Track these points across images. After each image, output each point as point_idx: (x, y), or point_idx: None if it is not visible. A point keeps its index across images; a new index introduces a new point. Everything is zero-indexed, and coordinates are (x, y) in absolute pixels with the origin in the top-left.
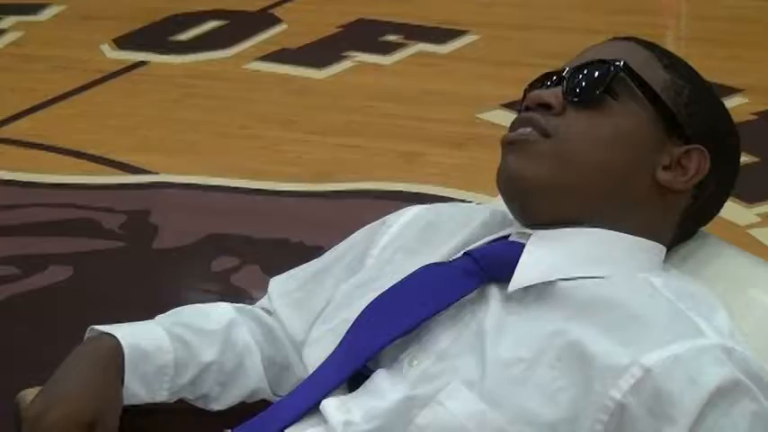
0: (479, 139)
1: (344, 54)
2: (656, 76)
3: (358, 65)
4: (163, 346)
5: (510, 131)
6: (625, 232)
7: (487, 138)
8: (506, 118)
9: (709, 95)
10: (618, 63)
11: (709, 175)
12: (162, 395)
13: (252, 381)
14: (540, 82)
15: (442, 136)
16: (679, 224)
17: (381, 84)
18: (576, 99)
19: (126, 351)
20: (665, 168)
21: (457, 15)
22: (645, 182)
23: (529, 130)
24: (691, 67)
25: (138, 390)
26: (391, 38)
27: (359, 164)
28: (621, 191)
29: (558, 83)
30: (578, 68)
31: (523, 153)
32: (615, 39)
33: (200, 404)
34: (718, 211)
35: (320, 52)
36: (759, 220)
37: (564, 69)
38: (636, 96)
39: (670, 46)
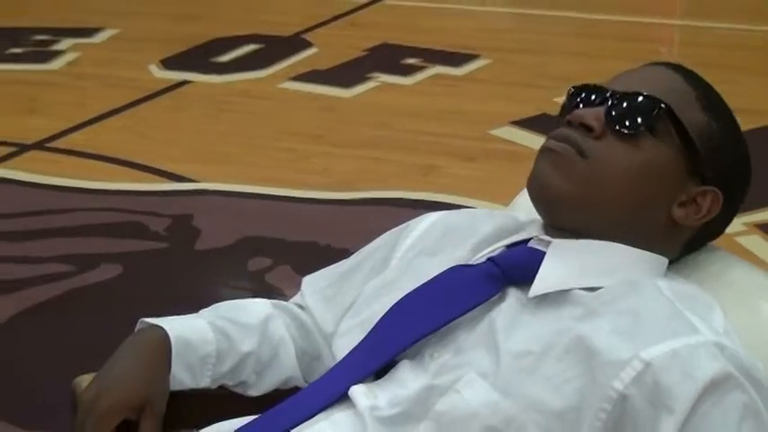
0: (490, 153)
1: (369, 75)
2: (694, 117)
3: (381, 85)
4: (206, 337)
5: (549, 138)
6: (634, 247)
7: (498, 152)
8: (515, 134)
9: (736, 141)
10: (663, 105)
11: (719, 213)
12: (205, 381)
13: (286, 370)
14: (583, 95)
15: (457, 150)
16: (685, 244)
17: (402, 102)
18: (617, 128)
19: (173, 342)
20: (681, 204)
21: (470, 41)
22: (661, 213)
23: (569, 146)
24: (726, 109)
25: (183, 377)
26: (411, 61)
27: (380, 174)
28: (639, 216)
29: (601, 103)
30: (624, 96)
31: (558, 166)
32: (658, 64)
33: (238, 390)
34: (721, 233)
35: (347, 73)
36: (745, 228)
37: (608, 91)
38: (671, 135)
39: None
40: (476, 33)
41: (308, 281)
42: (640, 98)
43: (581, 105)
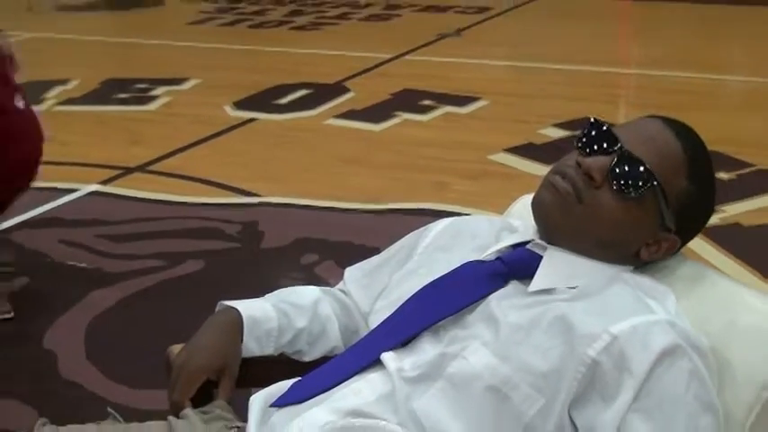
0: (489, 173)
1: (394, 113)
2: (678, 184)
3: (403, 121)
4: (270, 316)
5: (558, 171)
6: (608, 263)
7: (494, 173)
8: (508, 159)
9: (708, 201)
10: (656, 182)
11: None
12: (269, 350)
13: (332, 341)
14: (596, 136)
15: (462, 171)
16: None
17: (419, 134)
18: (614, 185)
19: (244, 320)
20: (647, 245)
21: (473, 87)
22: (631, 249)
23: (571, 189)
24: (707, 171)
25: (252, 346)
26: (427, 102)
27: (402, 190)
28: (614, 250)
29: (609, 154)
30: (628, 159)
31: (559, 205)
32: (668, 125)
33: (296, 357)
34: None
35: (377, 112)
36: None
37: (618, 144)
38: (656, 200)
39: (622, 107)
40: (478, 81)
41: (349, 272)
42: (641, 168)
43: (594, 145)
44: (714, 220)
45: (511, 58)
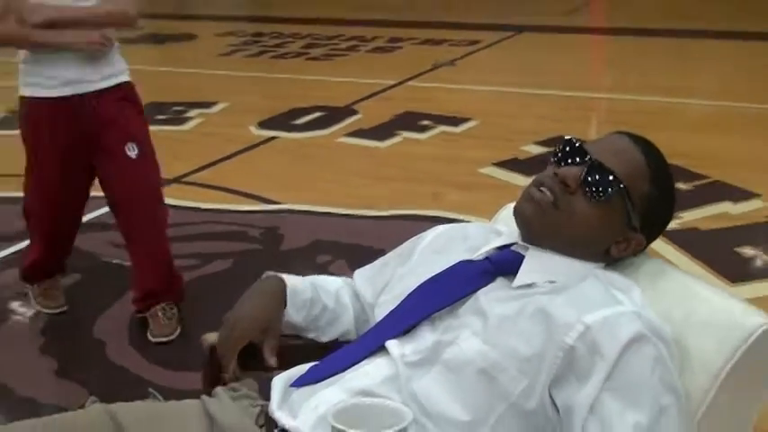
0: (479, 184)
1: (396, 132)
2: (642, 189)
3: (404, 139)
4: (306, 289)
5: (537, 184)
6: (582, 261)
7: (484, 184)
8: (495, 172)
9: (668, 204)
10: (623, 186)
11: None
12: (300, 318)
13: (345, 325)
14: (569, 148)
15: (455, 182)
16: (613, 261)
17: (418, 151)
18: (587, 192)
19: (288, 287)
20: (617, 243)
21: (465, 109)
22: (603, 247)
23: (548, 196)
24: (668, 180)
25: (291, 312)
26: (425, 123)
27: (404, 199)
28: (587, 248)
29: (581, 163)
30: (599, 168)
31: (537, 210)
32: (630, 137)
33: (312, 335)
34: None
35: (381, 131)
36: None
37: (588, 155)
38: (623, 203)
39: (594, 126)
40: (469, 104)
41: (358, 272)
42: (610, 177)
43: (568, 159)
44: (674, 225)
45: (497, 84)
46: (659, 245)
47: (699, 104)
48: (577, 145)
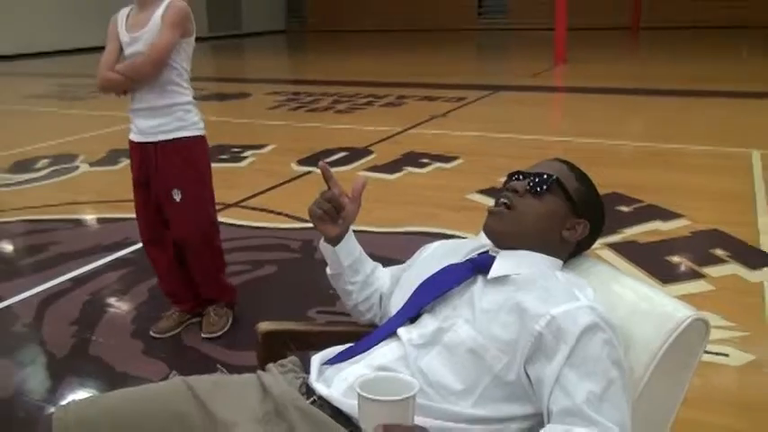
0: (467, 207)
1: (403, 168)
2: (571, 184)
3: (409, 173)
4: (357, 248)
5: (495, 204)
6: (543, 254)
7: (471, 207)
8: (478, 197)
9: (595, 196)
10: (554, 177)
11: (587, 235)
12: (351, 259)
13: (373, 291)
14: (516, 175)
15: (448, 205)
16: (570, 253)
17: (419, 182)
18: (530, 190)
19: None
20: (567, 229)
21: (455, 150)
22: (556, 234)
23: (502, 207)
24: (590, 181)
25: (344, 245)
26: (424, 160)
27: (408, 219)
28: (544, 238)
29: (524, 179)
30: (535, 174)
31: (497, 219)
32: (556, 159)
33: (347, 289)
34: (590, 247)
35: (391, 167)
36: (600, 246)
37: (528, 173)
38: (559, 194)
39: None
40: (457, 146)
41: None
42: (544, 176)
43: (514, 180)
44: (618, 238)
45: (479, 130)
46: (607, 254)
47: (631, 146)
48: (521, 170)
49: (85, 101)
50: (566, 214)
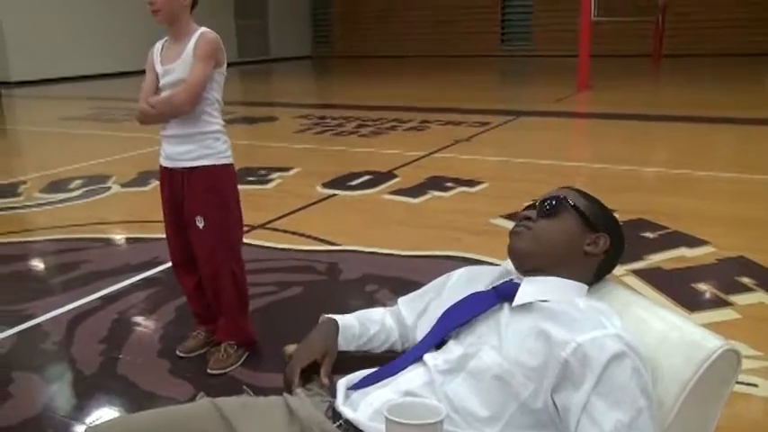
0: (490, 231)
1: (427, 191)
2: (582, 203)
3: (432, 197)
4: (354, 324)
5: (514, 227)
6: (567, 278)
7: (494, 232)
8: (502, 222)
9: (607, 212)
10: (564, 197)
11: (609, 248)
12: (352, 347)
13: (391, 342)
14: (532, 204)
15: (472, 230)
16: (595, 274)
17: (443, 206)
18: (542, 214)
19: (339, 325)
20: (588, 244)
21: (478, 174)
22: (579, 250)
23: (521, 228)
24: (599, 201)
25: (342, 343)
26: (448, 184)
27: (432, 242)
28: (568, 256)
29: (535, 207)
30: (544, 200)
31: (519, 238)
32: (566, 187)
33: (366, 351)
34: (613, 269)
35: (415, 191)
36: (625, 272)
37: (540, 200)
38: (570, 211)
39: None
40: (482, 171)
41: (401, 299)
42: (552, 198)
43: (531, 208)
44: (643, 264)
45: (503, 155)
46: (632, 280)
47: (655, 172)
48: (532, 201)
49: (119, 123)
50: (582, 230)
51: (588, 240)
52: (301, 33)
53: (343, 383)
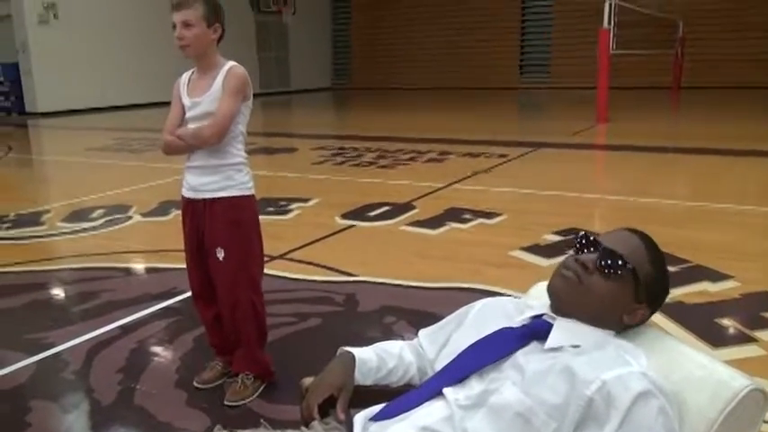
0: (510, 264)
1: (445, 223)
2: (644, 269)
3: (451, 228)
4: (372, 358)
5: (564, 266)
6: (599, 328)
7: (514, 264)
8: (522, 254)
9: (664, 280)
10: (629, 265)
11: (645, 319)
12: (369, 381)
13: (410, 376)
14: (588, 245)
15: (491, 261)
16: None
17: (462, 237)
18: (601, 270)
19: (357, 360)
20: (627, 314)
21: (497, 206)
22: (617, 317)
23: (573, 275)
24: (663, 262)
25: (359, 377)
26: (467, 216)
27: (451, 274)
28: (604, 318)
29: (596, 251)
30: (610, 253)
31: (565, 285)
32: (634, 233)
33: (383, 385)
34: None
35: (433, 222)
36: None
37: (601, 245)
38: (630, 279)
39: (597, 221)
40: (501, 203)
41: (421, 332)
42: (618, 260)
43: (585, 249)
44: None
45: (522, 187)
46: (655, 316)
47: (675, 204)
48: (591, 238)
49: (141, 153)
50: (630, 300)
51: (629, 309)
52: (321, 65)
53: (360, 417)
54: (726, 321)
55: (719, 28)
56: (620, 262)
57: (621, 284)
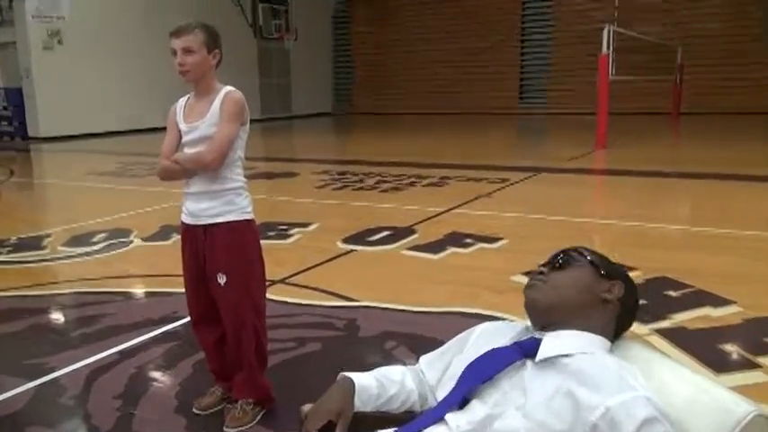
0: (510, 288)
1: (446, 248)
2: (591, 255)
3: (452, 253)
4: (372, 385)
5: (529, 282)
6: (589, 332)
7: (514, 288)
8: (522, 279)
9: (616, 264)
10: (573, 249)
11: (625, 295)
12: (369, 408)
13: (410, 403)
14: (545, 261)
15: (492, 286)
16: (615, 329)
17: (462, 262)
18: (556, 266)
19: (356, 386)
20: (604, 291)
21: (498, 230)
22: (596, 300)
23: (536, 281)
24: (604, 255)
25: (358, 404)
26: (468, 240)
27: (452, 299)
28: (585, 304)
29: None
30: (555, 255)
31: (535, 291)
32: (578, 247)
33: (385, 410)
34: (632, 323)
35: (434, 247)
36: (648, 332)
37: (550, 257)
38: (579, 260)
39: (594, 244)
40: (502, 227)
41: (423, 358)
42: (563, 254)
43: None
44: (666, 324)
45: (523, 212)
46: (655, 340)
47: (677, 229)
48: (541, 263)
49: (142, 178)
50: (596, 278)
51: (604, 288)
52: (322, 91)
53: None
54: (729, 347)
55: (718, 54)
56: (564, 254)
57: (579, 268)
